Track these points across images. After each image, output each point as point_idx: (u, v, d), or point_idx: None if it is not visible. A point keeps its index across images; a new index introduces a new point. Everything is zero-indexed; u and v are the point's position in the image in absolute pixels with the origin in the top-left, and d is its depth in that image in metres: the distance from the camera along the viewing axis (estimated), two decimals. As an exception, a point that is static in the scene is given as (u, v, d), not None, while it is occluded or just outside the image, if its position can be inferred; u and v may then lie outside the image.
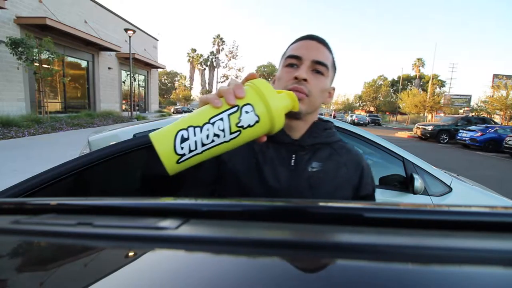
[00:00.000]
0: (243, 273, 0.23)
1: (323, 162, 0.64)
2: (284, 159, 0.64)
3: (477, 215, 0.32)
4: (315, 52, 0.62)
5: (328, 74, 0.64)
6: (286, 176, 0.62)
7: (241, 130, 0.42)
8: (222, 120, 0.41)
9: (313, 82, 0.61)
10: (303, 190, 0.61)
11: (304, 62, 0.61)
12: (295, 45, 0.65)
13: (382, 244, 0.25)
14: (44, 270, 0.25)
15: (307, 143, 0.65)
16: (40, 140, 7.07)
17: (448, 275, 0.22)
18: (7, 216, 0.37)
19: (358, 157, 0.68)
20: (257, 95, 0.43)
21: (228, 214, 0.35)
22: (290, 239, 0.28)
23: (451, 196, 1.77)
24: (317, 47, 0.63)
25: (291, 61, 0.63)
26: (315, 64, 0.61)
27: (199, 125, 0.41)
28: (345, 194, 0.64)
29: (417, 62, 46.89)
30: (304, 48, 0.62)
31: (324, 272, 0.23)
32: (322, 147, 0.66)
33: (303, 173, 0.62)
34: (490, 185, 2.45)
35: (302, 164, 0.63)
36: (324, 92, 0.64)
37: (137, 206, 0.37)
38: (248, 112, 0.42)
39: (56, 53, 9.88)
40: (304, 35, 0.66)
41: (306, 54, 0.61)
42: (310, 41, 0.63)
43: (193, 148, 0.40)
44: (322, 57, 0.62)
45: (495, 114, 22.35)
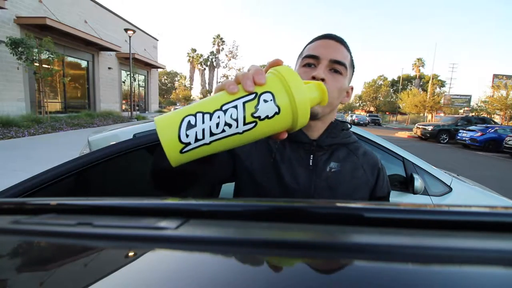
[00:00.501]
0: (243, 273, 0.23)
1: (341, 162, 0.63)
2: (302, 159, 0.63)
3: (477, 215, 0.32)
4: (333, 51, 0.61)
5: (346, 73, 0.62)
6: (304, 176, 0.61)
7: (257, 121, 0.36)
8: (236, 108, 0.35)
9: (331, 82, 0.59)
10: (322, 190, 0.61)
11: (322, 62, 0.60)
12: (313, 45, 0.63)
13: (382, 244, 0.25)
14: (44, 270, 0.25)
15: (325, 143, 0.64)
16: (40, 140, 7.07)
17: (448, 275, 0.22)
18: (7, 216, 0.37)
19: (375, 159, 0.68)
20: (280, 83, 0.37)
21: (228, 214, 0.35)
22: (290, 239, 0.28)
23: (451, 196, 1.77)
24: (335, 46, 0.61)
25: (308, 60, 0.61)
26: (333, 63, 0.60)
27: (209, 112, 0.35)
28: (362, 195, 0.64)
29: (417, 62, 46.89)
30: (322, 47, 0.61)
31: (324, 272, 0.23)
32: (340, 148, 0.65)
33: (322, 173, 0.62)
34: (490, 185, 2.45)
35: (321, 164, 0.63)
36: (342, 92, 0.63)
37: (137, 206, 0.37)
38: (267, 101, 0.36)
39: (56, 53, 9.87)
40: (321, 34, 0.64)
41: (324, 53, 0.60)
42: (328, 40, 0.62)
43: (200, 137, 0.35)
44: (341, 56, 0.61)
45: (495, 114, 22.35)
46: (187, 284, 0.21)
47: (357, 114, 35.55)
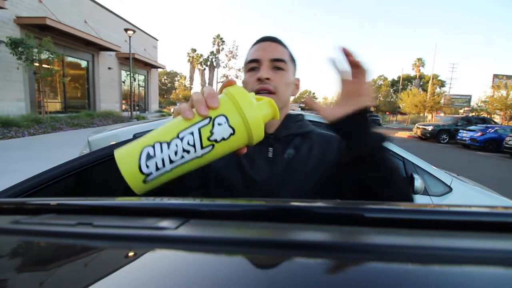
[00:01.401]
0: (243, 273, 0.23)
1: (297, 149, 0.68)
2: (262, 152, 0.67)
3: (477, 215, 0.32)
4: (271, 51, 0.66)
5: (288, 68, 0.67)
6: (265, 167, 0.66)
7: (214, 144, 0.38)
8: (192, 134, 0.37)
9: (276, 78, 0.64)
10: (283, 176, 0.65)
11: (263, 63, 0.65)
12: (252, 50, 0.68)
13: (382, 244, 0.25)
14: (44, 270, 0.25)
15: (282, 134, 0.69)
16: (40, 140, 7.07)
17: (448, 275, 0.22)
18: (7, 216, 0.37)
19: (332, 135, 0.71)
20: (233, 104, 0.39)
21: (228, 214, 0.35)
22: (290, 239, 0.28)
23: (451, 196, 1.77)
24: (272, 46, 0.67)
25: (251, 65, 0.67)
26: (273, 62, 0.65)
27: (167, 141, 0.37)
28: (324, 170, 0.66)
29: (417, 62, 46.88)
30: (260, 50, 0.66)
31: (324, 272, 0.23)
32: (296, 138, 0.70)
33: (281, 161, 0.66)
34: (490, 185, 2.45)
35: (279, 154, 0.67)
36: (290, 85, 0.68)
37: (137, 206, 0.37)
38: (221, 124, 0.38)
39: (56, 53, 9.88)
40: (258, 39, 0.70)
41: (262, 55, 0.65)
42: (264, 43, 0.68)
43: (161, 166, 0.37)
44: (278, 54, 0.66)
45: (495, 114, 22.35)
46: (187, 284, 0.21)
47: (357, 114, 35.45)
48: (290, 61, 0.69)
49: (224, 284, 0.21)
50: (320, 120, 1.94)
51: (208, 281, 0.21)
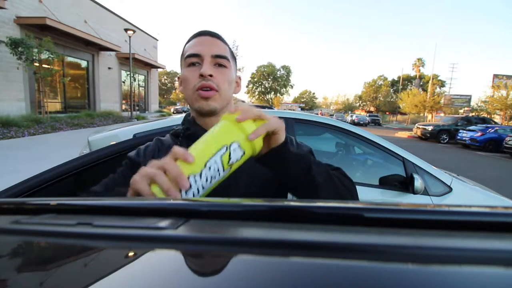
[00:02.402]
0: (243, 273, 0.23)
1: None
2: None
3: (477, 215, 0.32)
4: (213, 46, 0.63)
5: (230, 65, 0.65)
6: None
7: (231, 165, 0.46)
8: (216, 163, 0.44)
9: (219, 76, 0.62)
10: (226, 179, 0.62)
11: (205, 58, 0.62)
12: (191, 43, 0.65)
13: (382, 244, 0.25)
14: (44, 270, 0.25)
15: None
16: (40, 140, 7.07)
17: (448, 275, 0.22)
18: (7, 216, 0.37)
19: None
20: (239, 130, 0.46)
21: (228, 214, 0.35)
22: (290, 239, 0.28)
23: (451, 196, 1.77)
24: (213, 42, 0.64)
25: (192, 60, 0.63)
26: (215, 58, 0.63)
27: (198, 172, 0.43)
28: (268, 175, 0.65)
29: (417, 62, 46.87)
30: (201, 45, 0.63)
31: (324, 272, 0.23)
32: None
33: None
34: (490, 185, 2.45)
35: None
36: (232, 83, 0.66)
37: (137, 206, 0.37)
38: (235, 150, 0.46)
39: (56, 53, 9.88)
40: (196, 32, 0.66)
41: (204, 50, 0.62)
42: (204, 37, 0.65)
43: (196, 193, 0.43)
44: (220, 50, 0.64)
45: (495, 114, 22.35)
46: (187, 284, 0.21)
47: (357, 114, 35.55)
48: (231, 58, 0.67)
49: (224, 284, 0.21)
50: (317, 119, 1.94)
51: (208, 281, 0.21)
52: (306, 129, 2.03)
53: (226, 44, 0.67)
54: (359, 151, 2.36)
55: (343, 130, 1.90)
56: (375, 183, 1.74)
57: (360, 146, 2.17)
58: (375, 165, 2.07)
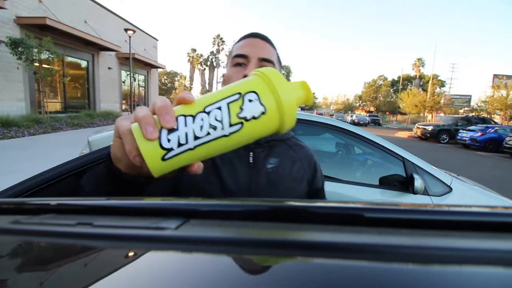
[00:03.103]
0: (243, 273, 0.23)
1: (280, 158, 0.66)
2: (242, 156, 0.64)
3: (477, 215, 0.32)
4: (261, 49, 0.64)
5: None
6: (245, 174, 0.63)
7: (243, 122, 0.34)
8: (220, 109, 0.33)
9: None
10: (263, 187, 0.62)
11: (251, 60, 0.62)
12: (240, 44, 0.66)
13: (382, 244, 0.25)
14: (44, 270, 0.25)
15: (263, 140, 0.65)
16: (40, 140, 7.07)
17: (448, 275, 0.22)
18: (7, 216, 0.37)
19: (311, 153, 0.71)
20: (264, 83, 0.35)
21: (228, 214, 0.35)
22: (290, 239, 0.28)
23: (451, 196, 1.77)
24: (262, 45, 0.64)
25: (238, 60, 0.64)
26: (262, 61, 0.63)
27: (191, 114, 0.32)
28: (303, 189, 0.66)
29: (417, 62, 46.88)
30: (250, 46, 0.64)
31: (324, 272, 0.23)
32: (278, 144, 0.68)
33: (262, 169, 0.64)
34: (490, 185, 2.45)
35: (260, 161, 0.64)
36: None
37: (137, 206, 0.37)
38: (251, 101, 0.34)
39: (56, 53, 9.87)
40: (248, 33, 0.67)
41: (252, 52, 0.63)
42: (254, 39, 0.65)
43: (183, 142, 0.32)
44: (268, 54, 0.64)
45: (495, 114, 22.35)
46: (187, 284, 0.21)
47: (357, 114, 35.55)
48: (277, 63, 0.67)
49: (224, 284, 0.21)
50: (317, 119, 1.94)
51: (208, 281, 0.21)
52: (306, 129, 2.03)
53: (275, 48, 0.67)
54: (359, 151, 2.36)
55: (343, 130, 1.90)
56: (375, 183, 1.74)
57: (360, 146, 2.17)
58: (375, 165, 2.07)
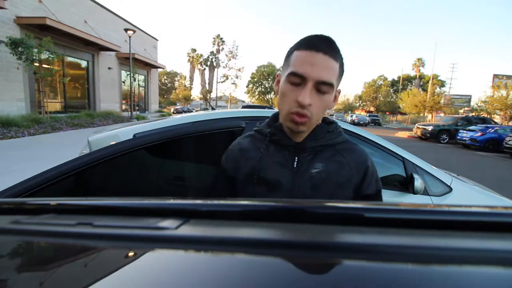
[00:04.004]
0: (243, 273, 0.23)
1: (325, 162, 0.65)
2: (287, 160, 0.65)
3: (477, 215, 0.32)
4: (321, 70, 0.58)
5: (332, 89, 0.61)
6: (288, 177, 0.63)
7: None
8: None
9: (316, 104, 0.59)
10: (306, 190, 0.62)
11: (308, 83, 0.58)
12: (300, 57, 0.59)
13: (383, 244, 0.25)
14: (44, 270, 0.25)
15: (309, 145, 0.65)
16: (40, 140, 7.07)
17: (448, 275, 0.22)
18: (7, 216, 0.37)
19: (363, 157, 0.69)
20: None
21: (228, 214, 0.35)
22: (290, 239, 0.28)
23: (451, 196, 1.77)
24: (323, 63, 0.58)
25: (294, 79, 0.59)
26: (319, 84, 0.58)
27: None
28: (347, 193, 0.65)
29: (417, 62, 46.89)
30: (309, 65, 0.58)
31: (324, 272, 0.23)
32: (325, 149, 0.66)
33: (305, 174, 0.63)
34: (490, 185, 2.45)
35: (305, 165, 0.64)
36: (327, 106, 0.63)
37: (137, 206, 0.37)
38: None
39: (56, 53, 9.88)
40: (310, 42, 0.60)
41: (310, 73, 0.57)
42: (317, 54, 0.58)
43: None
44: (328, 75, 0.58)
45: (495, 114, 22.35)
46: (187, 284, 0.21)
47: (357, 114, 35.53)
48: (338, 77, 0.62)
49: (224, 284, 0.21)
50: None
51: (208, 281, 0.21)
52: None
53: (339, 57, 0.61)
54: (359, 151, 2.36)
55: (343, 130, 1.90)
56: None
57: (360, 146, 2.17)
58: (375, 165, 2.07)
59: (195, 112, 3.59)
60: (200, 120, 1.81)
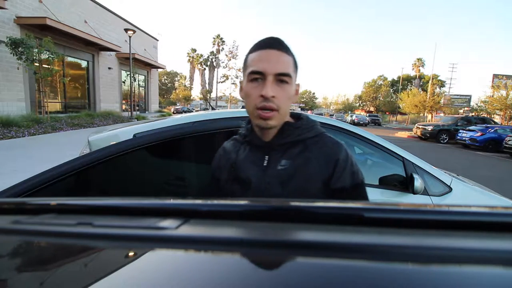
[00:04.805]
0: (243, 273, 0.23)
1: (293, 159, 0.67)
2: (259, 159, 0.69)
3: (477, 215, 0.32)
4: (277, 63, 0.62)
5: (292, 80, 0.64)
6: (257, 175, 0.67)
7: None
8: None
9: (280, 94, 0.63)
10: (273, 186, 0.66)
11: (268, 77, 0.62)
12: (256, 56, 0.64)
13: (382, 244, 0.25)
14: (44, 270, 0.25)
15: (276, 143, 0.68)
16: (40, 140, 7.07)
17: (448, 275, 0.22)
18: (7, 216, 0.37)
19: (333, 150, 0.68)
20: None
21: (228, 214, 0.35)
22: (290, 239, 0.28)
23: (451, 196, 1.77)
24: (277, 57, 0.63)
25: (254, 76, 0.63)
26: (278, 76, 0.62)
27: None
28: (316, 187, 0.66)
29: (417, 62, 46.89)
30: (265, 61, 0.62)
31: (324, 272, 0.23)
32: (295, 145, 0.68)
33: (274, 171, 0.66)
34: (490, 185, 2.45)
35: (273, 163, 0.67)
36: (292, 97, 0.67)
37: (137, 206, 0.37)
38: None
39: (56, 53, 9.88)
40: (262, 42, 0.65)
41: (268, 68, 0.62)
42: (270, 51, 0.63)
43: None
44: (284, 67, 0.63)
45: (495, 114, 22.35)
46: (187, 284, 0.21)
47: (357, 114, 35.54)
48: (294, 70, 0.66)
49: (224, 284, 0.21)
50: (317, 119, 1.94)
51: (208, 281, 0.21)
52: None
53: (291, 54, 0.65)
54: (359, 151, 2.36)
55: (343, 130, 1.90)
56: (375, 183, 1.74)
57: (360, 146, 2.17)
58: (375, 165, 2.07)
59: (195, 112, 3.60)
60: (200, 120, 1.81)
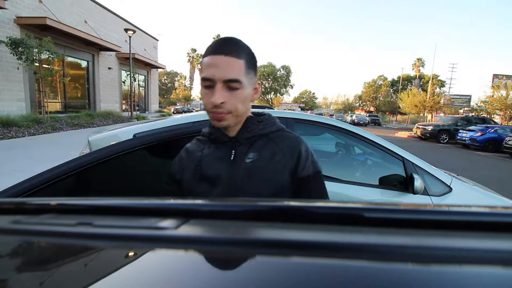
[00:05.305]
0: (243, 273, 0.23)
1: (259, 152, 0.69)
2: (225, 155, 0.70)
3: (477, 215, 0.32)
4: (225, 70, 0.62)
5: (243, 84, 0.65)
6: (225, 170, 0.68)
7: None
8: None
9: (230, 100, 0.64)
10: (241, 179, 0.67)
11: (217, 84, 0.62)
12: (207, 61, 0.64)
13: (382, 244, 0.25)
14: (44, 270, 0.25)
15: (242, 137, 0.70)
16: (40, 140, 7.07)
17: (448, 275, 0.22)
18: (7, 216, 0.37)
19: (295, 142, 0.72)
20: None
21: (228, 214, 0.35)
22: (290, 239, 0.28)
23: (451, 196, 1.77)
24: (226, 63, 0.62)
25: (205, 83, 0.64)
26: (227, 82, 0.63)
27: None
28: (283, 178, 0.68)
29: (417, 62, 46.91)
30: (214, 67, 0.62)
31: (325, 272, 0.23)
32: (260, 139, 0.71)
33: (241, 165, 0.68)
34: (490, 185, 2.45)
35: (240, 157, 0.69)
36: (246, 99, 0.68)
37: (137, 206, 0.37)
38: None
39: (56, 53, 9.89)
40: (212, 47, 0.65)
41: (216, 74, 0.62)
42: (218, 57, 0.63)
43: None
44: (233, 73, 0.62)
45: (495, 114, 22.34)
46: (187, 284, 0.21)
47: (357, 114, 35.55)
48: (247, 71, 0.65)
49: (224, 284, 0.21)
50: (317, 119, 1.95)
51: (208, 281, 0.21)
52: (306, 129, 2.03)
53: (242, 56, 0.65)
54: (359, 151, 2.36)
55: (343, 130, 1.90)
56: (375, 183, 1.74)
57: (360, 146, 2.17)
58: (375, 165, 2.07)
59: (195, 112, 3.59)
60: (200, 120, 1.81)
